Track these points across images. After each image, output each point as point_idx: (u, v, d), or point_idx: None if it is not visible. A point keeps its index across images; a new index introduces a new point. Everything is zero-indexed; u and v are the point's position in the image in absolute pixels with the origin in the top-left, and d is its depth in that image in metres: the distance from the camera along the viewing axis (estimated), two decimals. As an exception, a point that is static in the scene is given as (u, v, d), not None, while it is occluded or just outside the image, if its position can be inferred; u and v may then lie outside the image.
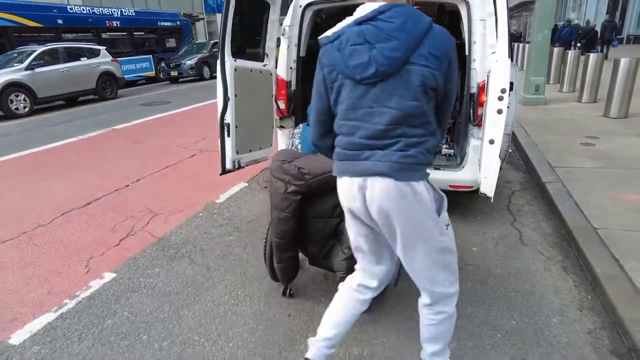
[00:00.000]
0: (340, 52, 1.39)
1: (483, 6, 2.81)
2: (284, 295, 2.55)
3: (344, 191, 1.51)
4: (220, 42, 2.74)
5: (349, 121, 1.43)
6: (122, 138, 7.11)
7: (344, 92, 1.42)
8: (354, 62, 1.35)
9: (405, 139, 1.37)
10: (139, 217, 3.76)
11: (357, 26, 1.37)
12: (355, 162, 1.43)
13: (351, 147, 1.44)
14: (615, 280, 2.46)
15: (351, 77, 1.38)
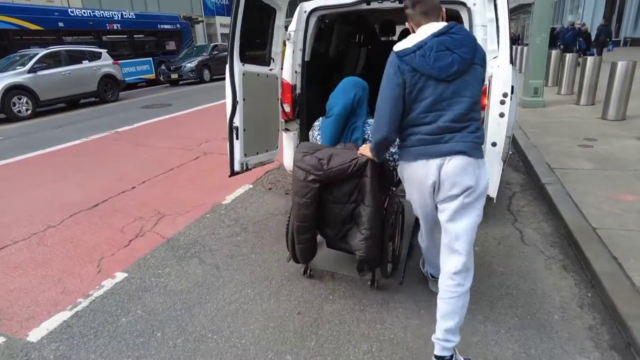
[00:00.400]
0: (425, 58, 1.72)
1: (484, 12, 2.89)
2: (304, 275, 2.80)
3: (418, 172, 1.86)
4: (229, 47, 2.82)
5: (434, 112, 1.78)
6: (125, 140, 7.18)
7: (427, 91, 1.76)
8: (439, 65, 1.72)
9: (474, 122, 1.80)
10: (147, 219, 3.83)
11: (436, 38, 1.73)
12: (436, 145, 1.79)
13: (435, 132, 1.79)
14: (614, 278, 2.53)
15: (436, 76, 1.73)
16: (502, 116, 2.24)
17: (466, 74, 1.74)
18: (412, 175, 1.91)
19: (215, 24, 31.71)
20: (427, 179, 1.82)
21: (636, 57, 8.08)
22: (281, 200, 4.18)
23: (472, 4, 2.99)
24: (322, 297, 2.55)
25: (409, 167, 1.90)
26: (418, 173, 1.86)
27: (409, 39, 1.79)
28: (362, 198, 2.25)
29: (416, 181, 1.90)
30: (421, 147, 1.82)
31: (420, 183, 1.87)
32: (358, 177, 2.22)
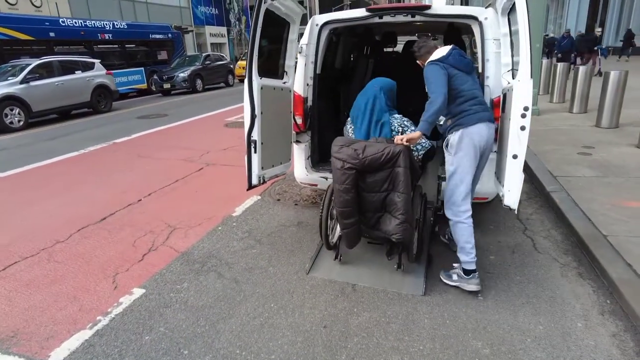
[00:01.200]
0: (455, 59, 2.68)
1: (497, 27, 2.96)
2: (335, 259, 3.05)
3: (480, 132, 2.61)
4: (247, 62, 2.83)
5: (471, 91, 2.67)
6: (124, 152, 7.11)
7: (464, 78, 2.67)
8: (463, 63, 2.69)
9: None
10: (157, 232, 3.79)
11: (457, 52, 2.73)
12: (485, 112, 2.67)
13: (478, 104, 2.67)
14: (632, 285, 2.59)
15: (464, 70, 2.68)
16: (523, 129, 2.29)
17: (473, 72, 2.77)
18: (475, 136, 2.60)
19: (205, 33, 31.66)
20: (484, 137, 2.62)
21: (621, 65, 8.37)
22: (291, 211, 4.18)
23: (483, 18, 3.06)
24: (346, 310, 2.55)
25: (475, 128, 2.60)
26: (480, 133, 2.60)
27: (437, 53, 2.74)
28: (393, 187, 2.57)
29: (477, 140, 2.60)
30: (475, 114, 2.61)
31: (480, 141, 2.61)
32: (390, 167, 2.54)
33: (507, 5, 2.65)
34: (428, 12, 3.22)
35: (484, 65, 3.11)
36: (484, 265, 3.02)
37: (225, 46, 34.13)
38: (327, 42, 3.69)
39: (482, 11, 3.09)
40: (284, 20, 3.26)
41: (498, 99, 2.99)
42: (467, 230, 2.65)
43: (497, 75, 3.01)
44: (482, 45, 3.10)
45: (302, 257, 3.19)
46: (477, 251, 3.20)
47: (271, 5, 2.90)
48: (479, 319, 2.44)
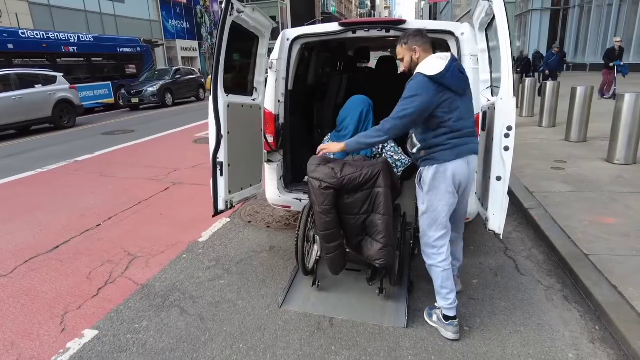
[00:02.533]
0: (453, 78, 2.16)
1: (474, 42, 2.88)
2: (313, 286, 2.86)
3: (459, 169, 2.25)
4: (212, 78, 2.62)
5: (458, 121, 2.21)
6: (86, 171, 6.69)
7: (454, 104, 2.19)
8: (459, 83, 2.20)
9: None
10: (116, 262, 3.46)
11: (455, 65, 2.19)
12: (466, 145, 2.26)
13: (462, 136, 2.24)
14: (619, 309, 2.49)
15: (457, 92, 2.20)
16: (506, 150, 2.17)
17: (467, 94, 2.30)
18: (452, 174, 2.24)
19: (175, 47, 31.20)
20: (464, 174, 2.27)
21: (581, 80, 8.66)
22: (263, 234, 3.93)
23: (460, 34, 2.98)
24: (323, 349, 2.32)
25: (453, 165, 2.23)
26: (459, 170, 2.25)
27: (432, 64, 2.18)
28: (373, 208, 2.44)
29: (457, 178, 2.26)
30: (455, 148, 2.22)
31: (460, 179, 2.27)
32: (369, 187, 2.42)
33: (485, 20, 2.57)
34: (403, 27, 3.10)
35: None
36: (467, 290, 2.87)
37: (197, 60, 33.76)
38: (299, 57, 3.53)
39: (458, 26, 3.01)
40: (252, 34, 3.08)
41: (477, 116, 2.89)
42: (442, 274, 2.33)
43: (475, 92, 2.90)
44: (459, 61, 3.00)
45: (274, 288, 2.95)
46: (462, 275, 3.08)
47: (238, 18, 2.71)
48: (466, 353, 2.27)
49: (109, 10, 24.92)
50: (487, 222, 2.39)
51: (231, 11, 2.56)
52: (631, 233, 3.43)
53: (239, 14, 2.68)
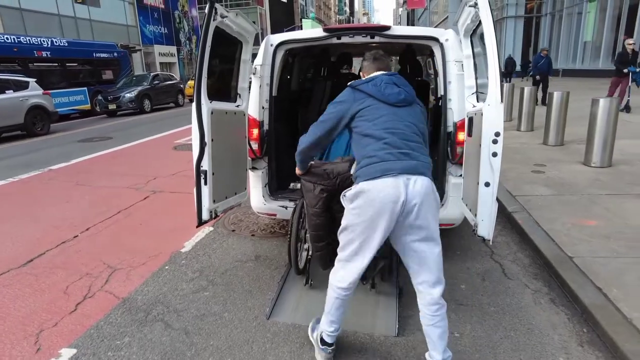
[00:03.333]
0: (376, 87, 2.04)
1: (459, 48, 2.90)
2: (305, 285, 2.92)
3: (385, 190, 1.82)
4: (195, 84, 2.55)
5: (387, 129, 1.95)
6: (61, 180, 6.45)
7: (377, 112, 2.00)
8: (388, 91, 2.03)
9: (423, 145, 2.04)
10: (95, 275, 3.32)
11: (388, 77, 2.09)
12: (400, 161, 1.88)
13: (395, 147, 1.91)
14: (604, 311, 2.52)
15: (385, 100, 2.02)
16: (494, 156, 2.17)
17: (411, 106, 2.08)
18: (379, 194, 1.84)
19: (153, 52, 30.73)
20: (398, 197, 1.82)
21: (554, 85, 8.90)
22: (247, 243, 3.85)
23: (444, 40, 2.99)
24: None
25: (377, 183, 1.85)
26: (386, 190, 1.83)
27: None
28: None
29: (383, 200, 1.83)
30: (382, 163, 1.88)
31: (386, 201, 1.83)
32: None
33: (470, 27, 2.58)
34: (387, 33, 3.11)
35: (446, 88, 3.03)
36: (455, 296, 2.86)
37: (175, 66, 33.33)
38: (283, 63, 3.49)
39: (442, 32, 3.03)
40: (235, 40, 3.02)
41: (462, 122, 2.90)
42: (335, 302, 2.08)
43: (460, 98, 2.93)
44: (444, 67, 3.02)
45: (261, 299, 2.87)
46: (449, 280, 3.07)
47: (221, 23, 2.65)
48: (458, 360, 2.25)
49: (84, 14, 24.36)
50: (476, 228, 2.39)
51: (214, 16, 2.50)
52: (611, 235, 3.50)
53: (223, 18, 2.62)
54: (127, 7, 28.56)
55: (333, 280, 2.09)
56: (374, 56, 2.19)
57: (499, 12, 27.39)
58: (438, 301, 1.94)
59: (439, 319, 1.96)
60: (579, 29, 22.22)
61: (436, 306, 1.95)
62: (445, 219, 3.17)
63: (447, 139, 3.07)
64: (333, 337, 2.17)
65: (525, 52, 27.53)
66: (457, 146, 2.99)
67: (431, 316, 1.96)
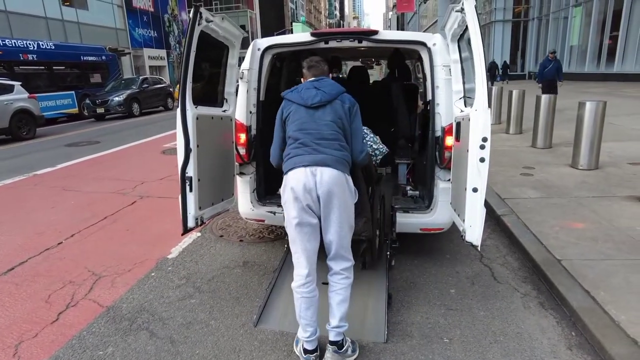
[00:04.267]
0: (298, 93, 2.30)
1: (446, 53, 2.90)
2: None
3: (296, 178, 2.11)
4: (180, 90, 2.50)
5: (302, 130, 2.22)
6: (47, 185, 6.33)
7: (296, 115, 2.26)
8: (306, 95, 2.26)
9: (339, 142, 2.21)
10: (79, 282, 3.25)
11: (310, 82, 2.34)
12: (309, 155, 2.14)
13: (303, 145, 2.18)
14: (593, 314, 2.52)
15: (304, 104, 2.25)
16: (482, 161, 2.16)
17: (329, 105, 2.25)
18: (291, 182, 2.13)
19: (143, 56, 30.48)
20: (306, 184, 2.09)
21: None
22: (235, 248, 3.80)
23: (432, 44, 2.99)
24: (302, 371, 2.22)
25: (291, 173, 2.15)
26: (297, 179, 2.12)
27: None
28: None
29: (295, 187, 2.12)
30: (297, 157, 2.17)
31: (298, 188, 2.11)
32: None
33: (458, 32, 2.58)
34: (375, 38, 3.10)
35: (434, 92, 3.03)
36: (445, 300, 2.85)
37: (165, 69, 33.09)
38: (271, 67, 3.46)
39: (430, 37, 3.02)
40: (222, 44, 2.99)
41: (450, 126, 2.90)
42: (302, 303, 2.17)
43: (448, 102, 2.93)
44: (432, 71, 3.02)
45: (248, 306, 2.83)
46: (439, 284, 3.07)
47: (207, 27, 2.61)
48: (448, 366, 2.23)
49: (72, 17, 24.08)
50: (464, 234, 2.37)
51: (199, 20, 2.46)
52: (599, 237, 3.52)
53: (208, 23, 2.59)
54: (116, 10, 28.30)
55: (294, 283, 2.23)
56: (309, 64, 2.41)
57: (487, 16, 27.72)
58: (340, 272, 2.23)
59: (340, 287, 2.22)
60: (565, 33, 22.58)
61: (339, 276, 2.24)
62: (434, 223, 3.18)
63: (435, 143, 3.07)
64: (312, 342, 2.19)
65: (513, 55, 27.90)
66: (445, 151, 2.98)
67: (334, 283, 2.24)
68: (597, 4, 19.36)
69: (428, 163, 3.18)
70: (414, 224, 3.19)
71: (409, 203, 3.37)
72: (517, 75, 27.28)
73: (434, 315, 2.69)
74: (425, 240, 3.70)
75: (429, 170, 3.17)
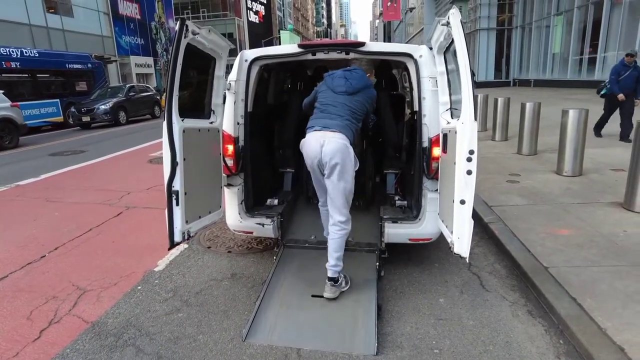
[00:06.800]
0: (331, 78, 3.01)
1: (433, 64, 2.93)
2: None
3: (308, 142, 2.86)
4: (166, 103, 2.48)
5: (324, 105, 2.94)
6: (30, 196, 6.19)
7: (323, 95, 3.01)
8: (336, 83, 2.95)
9: (349, 118, 2.88)
10: (63, 297, 3.17)
11: (342, 72, 2.98)
12: (322, 119, 2.86)
13: (318, 116, 2.92)
14: (580, 322, 2.54)
15: (333, 89, 2.96)
16: (469, 173, 2.18)
17: (355, 95, 2.93)
18: (303, 146, 2.92)
19: (129, 63, 30.26)
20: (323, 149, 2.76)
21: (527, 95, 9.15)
22: (224, 260, 3.76)
23: (418, 56, 3.02)
24: (291, 385, 2.20)
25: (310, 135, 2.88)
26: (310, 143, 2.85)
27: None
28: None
29: (306, 151, 2.91)
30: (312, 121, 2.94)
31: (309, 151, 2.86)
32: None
33: (444, 44, 2.61)
34: (362, 49, 3.12)
35: (421, 104, 3.05)
36: (435, 310, 2.85)
37: (152, 77, 32.91)
38: (258, 78, 3.45)
39: (416, 49, 3.05)
40: (209, 56, 2.97)
41: (437, 137, 2.92)
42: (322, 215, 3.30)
43: (434, 114, 2.95)
44: (418, 83, 3.04)
45: (237, 319, 2.79)
46: (428, 294, 3.08)
47: (193, 39, 2.60)
48: (438, 378, 2.22)
49: (57, 24, 23.83)
50: (452, 246, 2.38)
51: (185, 33, 2.45)
52: (584, 244, 3.57)
53: (194, 35, 2.57)
54: (102, 18, 28.09)
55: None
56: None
57: (472, 24, 28.15)
58: (338, 224, 2.82)
59: (336, 236, 2.82)
60: (548, 41, 23.05)
61: (337, 227, 2.83)
62: (422, 233, 3.19)
63: (423, 154, 3.08)
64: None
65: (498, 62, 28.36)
66: (432, 161, 3.00)
67: (332, 232, 2.84)
68: (578, 13, 19.84)
69: (416, 173, 3.20)
70: (402, 234, 3.20)
71: (398, 213, 3.38)
72: (502, 82, 27.70)
73: (423, 325, 2.69)
74: (414, 249, 3.71)
75: (417, 180, 3.19)
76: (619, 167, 5.87)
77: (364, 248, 3.38)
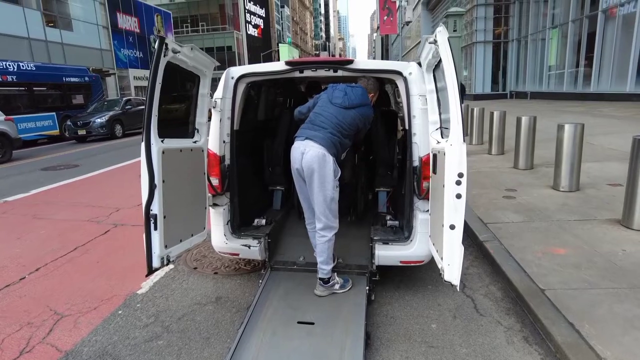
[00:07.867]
0: (332, 89, 3.06)
1: (422, 82, 2.85)
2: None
3: (294, 151, 2.96)
4: (145, 124, 2.39)
5: (315, 115, 3.01)
6: (16, 213, 6.07)
7: (320, 104, 3.06)
8: (335, 94, 3.01)
9: (334, 131, 2.91)
10: (38, 324, 3.03)
11: (345, 86, 3.05)
12: (308, 130, 2.94)
13: (310, 125, 2.99)
14: (578, 350, 2.42)
15: (331, 101, 3.00)
16: (459, 197, 2.08)
17: (350, 110, 2.97)
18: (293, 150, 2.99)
19: (128, 76, 30.40)
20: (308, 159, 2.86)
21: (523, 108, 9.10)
22: (209, 282, 3.63)
23: (407, 74, 2.95)
24: (272, 422, 2.07)
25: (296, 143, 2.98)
26: (295, 151, 2.95)
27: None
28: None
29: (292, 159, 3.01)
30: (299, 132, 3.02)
31: (295, 160, 2.98)
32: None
33: (432, 62, 2.54)
34: (351, 67, 3.05)
35: (411, 122, 2.97)
36: (426, 337, 2.73)
37: (151, 89, 32.94)
38: (245, 95, 3.38)
39: (406, 66, 2.98)
40: (192, 74, 2.90)
41: (427, 157, 2.83)
42: (310, 234, 3.24)
43: (424, 133, 2.87)
44: (408, 101, 2.96)
45: (219, 347, 2.66)
46: (419, 319, 2.95)
47: (174, 58, 2.52)
48: (428, 414, 2.09)
49: (56, 38, 23.97)
50: (443, 272, 2.28)
51: (165, 52, 2.37)
52: (582, 264, 3.46)
53: (175, 54, 2.50)
54: (101, 31, 28.29)
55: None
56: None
57: (469, 37, 28.38)
58: (319, 231, 2.99)
59: (319, 242, 2.99)
60: (544, 54, 23.20)
61: (318, 234, 3.00)
62: (414, 256, 3.08)
63: (414, 173, 2.99)
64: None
65: (495, 75, 28.52)
66: (423, 181, 2.91)
67: (318, 237, 3.00)
68: (572, 26, 19.99)
69: (407, 193, 3.10)
70: (393, 256, 3.09)
71: (389, 234, 3.27)
72: (499, 94, 27.82)
73: (414, 354, 2.57)
74: (406, 270, 3.59)
75: (408, 200, 3.09)
76: (614, 182, 5.78)
77: (354, 270, 3.26)
